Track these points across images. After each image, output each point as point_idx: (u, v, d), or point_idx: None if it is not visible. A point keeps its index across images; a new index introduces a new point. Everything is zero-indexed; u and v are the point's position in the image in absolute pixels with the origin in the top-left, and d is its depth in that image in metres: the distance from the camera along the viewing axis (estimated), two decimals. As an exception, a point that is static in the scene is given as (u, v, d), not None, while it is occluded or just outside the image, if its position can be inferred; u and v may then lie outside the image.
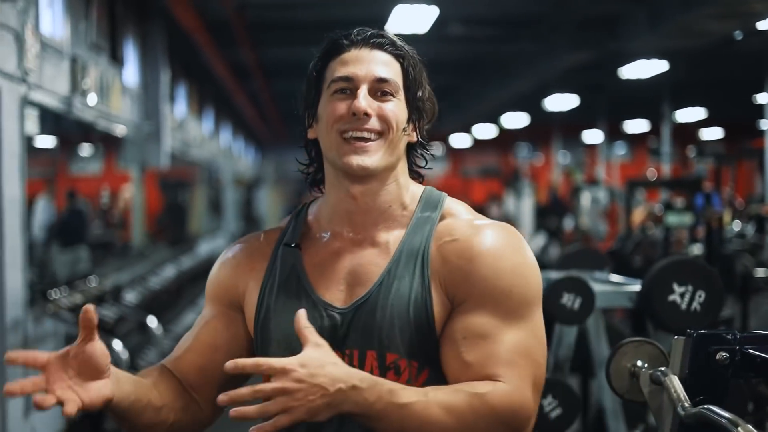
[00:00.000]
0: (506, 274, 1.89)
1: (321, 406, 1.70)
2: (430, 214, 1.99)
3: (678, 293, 3.15)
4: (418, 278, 1.91)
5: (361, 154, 1.90)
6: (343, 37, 1.98)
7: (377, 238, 1.98)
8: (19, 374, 5.71)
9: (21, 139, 5.94)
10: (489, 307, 1.88)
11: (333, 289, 1.96)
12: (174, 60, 12.13)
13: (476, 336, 1.86)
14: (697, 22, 9.54)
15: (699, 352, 2.07)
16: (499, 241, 1.93)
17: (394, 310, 1.89)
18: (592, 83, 17.42)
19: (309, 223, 2.07)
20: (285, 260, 2.01)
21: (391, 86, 1.94)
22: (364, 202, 1.97)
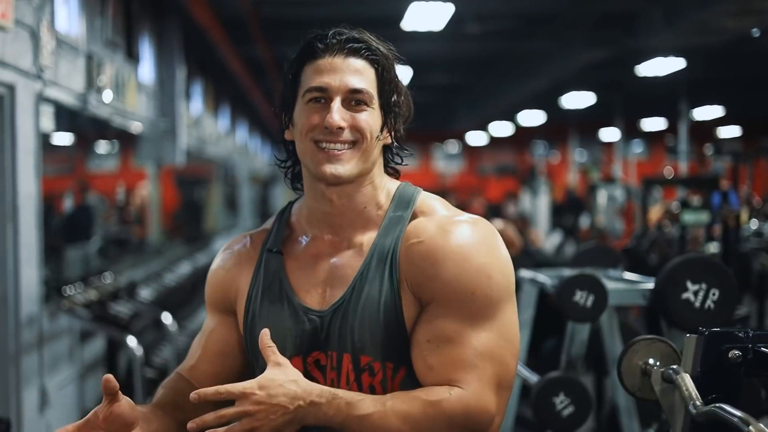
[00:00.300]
0: (469, 276, 1.91)
1: (283, 423, 1.78)
2: (402, 213, 2.02)
3: (692, 291, 3.14)
4: (387, 280, 1.94)
5: (334, 163, 1.94)
6: (318, 41, 1.99)
7: (354, 239, 2.02)
8: (35, 368, 5.74)
9: (36, 136, 5.96)
10: (452, 310, 1.90)
11: (312, 292, 2.01)
12: (190, 57, 12.15)
13: (439, 339, 1.90)
14: (714, 19, 9.50)
15: (711, 350, 2.07)
16: (465, 240, 1.94)
17: (365, 312, 1.93)
18: (609, 81, 17.38)
19: (292, 224, 2.12)
20: (268, 266, 2.07)
21: (365, 96, 1.96)
22: (340, 203, 2.00)
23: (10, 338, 5.59)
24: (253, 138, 22.63)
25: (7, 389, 5.57)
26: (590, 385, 5.82)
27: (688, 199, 9.85)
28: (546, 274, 4.48)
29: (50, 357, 6.20)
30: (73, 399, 6.64)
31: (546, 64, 14.26)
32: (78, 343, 6.81)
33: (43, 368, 6.03)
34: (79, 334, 6.81)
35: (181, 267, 10.56)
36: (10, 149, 5.61)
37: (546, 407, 3.77)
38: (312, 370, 1.97)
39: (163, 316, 6.96)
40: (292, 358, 1.94)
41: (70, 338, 6.66)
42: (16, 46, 5.60)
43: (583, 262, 4.78)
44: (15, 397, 5.62)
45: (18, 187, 5.64)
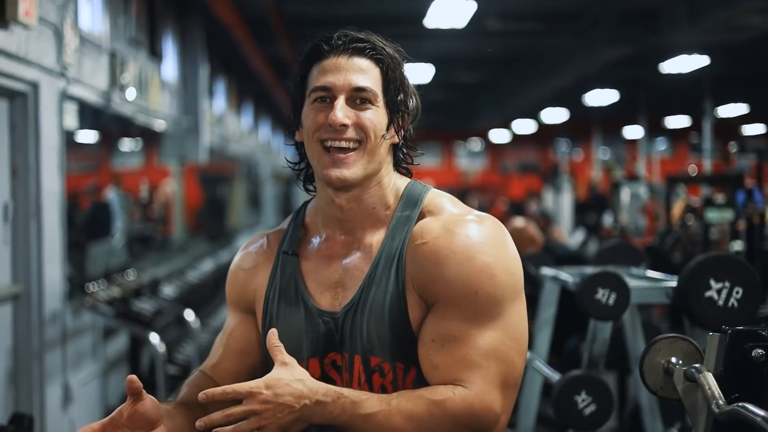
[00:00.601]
0: (472, 276, 1.91)
1: (290, 421, 1.80)
2: (409, 212, 2.03)
3: (715, 289, 3.12)
4: (393, 282, 1.96)
5: (340, 167, 1.95)
6: (323, 42, 2.02)
7: (364, 240, 2.04)
8: (58, 364, 5.77)
9: (60, 134, 5.99)
10: (456, 310, 1.92)
11: (327, 294, 2.04)
12: (213, 55, 12.18)
13: (444, 339, 1.91)
14: (738, 16, 9.43)
15: (734, 349, 2.05)
16: (469, 240, 1.95)
17: (372, 314, 1.96)
18: (633, 78, 17.30)
19: (307, 225, 2.15)
20: (284, 268, 2.10)
21: (369, 94, 1.98)
22: (349, 208, 2.02)
23: (33, 335, 5.62)
24: (276, 135, 22.66)
25: (31, 386, 5.60)
26: (613, 383, 5.80)
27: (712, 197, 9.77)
28: (568, 272, 4.46)
29: (73, 354, 6.23)
30: (96, 396, 6.67)
31: (569, 62, 14.20)
32: (101, 340, 6.84)
33: (66, 365, 6.06)
34: (103, 330, 6.84)
35: (204, 264, 10.60)
36: (34, 147, 5.64)
37: (567, 406, 3.75)
38: (329, 371, 2.00)
39: (185, 313, 6.98)
40: (309, 360, 2.00)
41: (94, 335, 6.69)
42: (39, 44, 5.63)
43: (605, 259, 4.75)
44: (38, 394, 5.65)
45: (42, 185, 5.67)
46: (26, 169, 5.62)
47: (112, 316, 6.27)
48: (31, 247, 5.62)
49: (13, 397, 5.53)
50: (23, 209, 5.61)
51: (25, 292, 5.60)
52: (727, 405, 1.98)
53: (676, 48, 12.43)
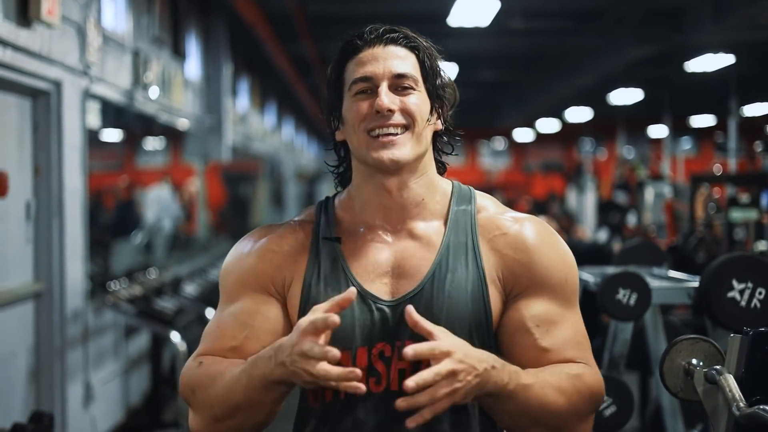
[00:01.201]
0: (560, 263, 1.99)
1: (474, 386, 1.76)
2: (465, 207, 2.04)
3: (737, 290, 3.09)
4: (473, 271, 1.95)
5: (390, 148, 1.93)
6: (356, 37, 2.00)
7: (415, 230, 2.01)
8: (80, 363, 5.79)
9: (83, 132, 6.01)
10: (550, 295, 1.96)
11: (377, 282, 1.96)
12: (236, 54, 12.21)
13: (548, 323, 1.94)
14: (763, 14, 9.36)
15: (756, 350, 2.04)
16: (544, 233, 2.02)
17: (452, 301, 1.92)
18: (657, 77, 17.21)
19: (339, 216, 2.07)
20: (326, 253, 2.00)
21: (410, 80, 1.97)
22: (399, 194, 1.99)
23: (55, 333, 5.64)
24: (299, 134, 22.69)
25: (52, 384, 5.62)
26: (635, 384, 5.77)
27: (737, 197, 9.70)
28: (589, 272, 4.43)
29: (95, 352, 6.25)
30: (117, 394, 6.69)
31: (593, 61, 14.15)
32: (123, 338, 6.87)
33: (87, 363, 6.08)
34: (124, 329, 6.86)
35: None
36: (57, 145, 5.67)
37: (588, 407, 3.72)
38: (376, 362, 1.92)
39: (207, 312, 6.98)
40: (358, 349, 1.92)
41: (115, 333, 6.71)
42: (62, 42, 5.65)
43: (627, 259, 4.72)
44: (60, 392, 5.67)
45: (64, 183, 5.69)
46: (49, 168, 5.64)
47: (134, 315, 6.28)
48: (53, 245, 5.65)
49: (35, 395, 5.55)
50: (45, 208, 5.63)
51: (47, 290, 5.63)
52: (748, 407, 1.97)
53: (700, 46, 12.35)
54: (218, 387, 1.89)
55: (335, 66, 2.03)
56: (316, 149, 27.80)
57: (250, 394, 1.84)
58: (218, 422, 1.91)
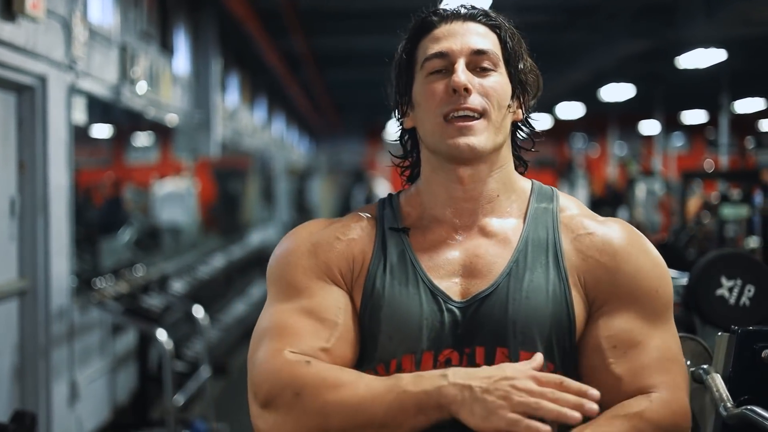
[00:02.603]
0: (652, 272, 1.77)
1: None
2: (547, 205, 1.86)
3: (726, 287, 3.05)
4: (554, 271, 1.77)
5: (467, 134, 1.75)
6: (431, 13, 1.85)
7: (488, 227, 1.83)
8: (65, 361, 5.74)
9: (68, 127, 5.96)
10: (635, 309, 1.75)
11: (447, 281, 1.78)
12: (226, 49, 12.16)
13: (625, 344, 1.73)
14: (756, 10, 9.36)
15: (744, 349, 2.01)
16: (634, 237, 1.82)
17: (530, 302, 1.73)
18: (649, 73, 17.21)
19: (405, 212, 1.90)
20: (393, 245, 1.84)
21: (491, 58, 1.80)
22: (473, 187, 1.82)
23: (40, 331, 5.59)
24: (290, 131, 22.66)
25: (37, 382, 5.57)
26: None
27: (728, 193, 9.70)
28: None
29: (81, 350, 6.20)
30: (103, 393, 6.64)
31: (585, 56, 14.14)
32: (109, 336, 6.82)
33: (73, 361, 6.03)
34: (110, 326, 6.81)
35: (214, 260, 10.56)
36: (42, 141, 5.62)
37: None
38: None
39: (194, 309, 6.94)
40: (424, 353, 1.73)
41: (101, 331, 6.66)
42: (48, 37, 5.60)
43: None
44: (45, 391, 5.62)
45: (49, 179, 5.64)
46: (33, 164, 5.59)
47: (120, 313, 6.23)
48: (38, 242, 5.59)
49: (19, 393, 5.50)
50: (30, 204, 5.58)
51: (31, 287, 5.57)
52: (735, 408, 1.94)
53: (692, 42, 12.34)
54: (345, 394, 1.63)
55: (406, 45, 1.87)
56: (307, 145, 27.77)
57: (395, 412, 1.59)
58: None
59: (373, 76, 16.38)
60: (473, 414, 1.55)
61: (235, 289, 11.17)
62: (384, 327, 1.75)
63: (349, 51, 15.12)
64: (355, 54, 15.36)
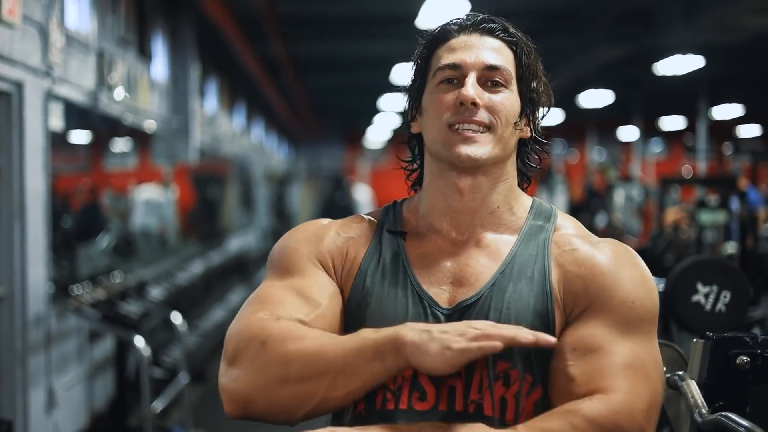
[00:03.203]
0: (628, 285, 1.76)
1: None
2: (543, 223, 1.87)
3: (702, 293, 3.05)
4: (538, 286, 1.78)
5: (470, 144, 1.77)
6: (452, 22, 1.88)
7: (483, 240, 1.85)
8: (42, 368, 5.71)
9: (45, 134, 5.93)
10: (606, 318, 1.73)
11: (436, 288, 1.81)
12: (204, 54, 12.14)
13: (587, 348, 1.70)
14: (733, 16, 9.42)
15: (718, 356, 2.02)
16: (619, 253, 1.81)
17: (510, 313, 1.74)
18: (628, 79, 17.30)
19: (405, 217, 1.93)
20: (389, 246, 1.88)
21: (503, 75, 1.82)
22: (471, 198, 1.84)
23: (16, 337, 5.56)
24: (269, 136, 22.63)
25: (14, 389, 5.53)
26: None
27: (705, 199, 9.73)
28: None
29: (58, 357, 6.16)
30: (81, 400, 6.60)
31: (564, 62, 14.18)
32: (87, 343, 6.78)
33: (50, 368, 5.99)
34: (88, 333, 6.78)
35: (193, 266, 10.52)
36: (18, 147, 5.59)
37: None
38: (421, 375, 1.71)
39: (172, 316, 6.91)
40: None
41: (79, 338, 6.62)
42: (24, 43, 5.57)
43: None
44: (21, 398, 5.59)
45: (26, 185, 5.61)
46: (10, 170, 5.56)
47: (97, 319, 6.20)
48: (14, 248, 5.56)
49: (-5, 400, 5.47)
50: (6, 210, 5.55)
51: (7, 294, 5.54)
52: (710, 414, 1.94)
53: (670, 48, 12.41)
54: (306, 343, 1.65)
55: (423, 51, 1.89)
56: (287, 151, 27.74)
57: (353, 357, 1.62)
58: (282, 385, 1.64)
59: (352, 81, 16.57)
60: (428, 352, 1.57)
61: (214, 295, 11.13)
62: (368, 323, 1.76)
63: (328, 56, 15.13)
64: (334, 60, 15.37)
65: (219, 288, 11.55)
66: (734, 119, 22.03)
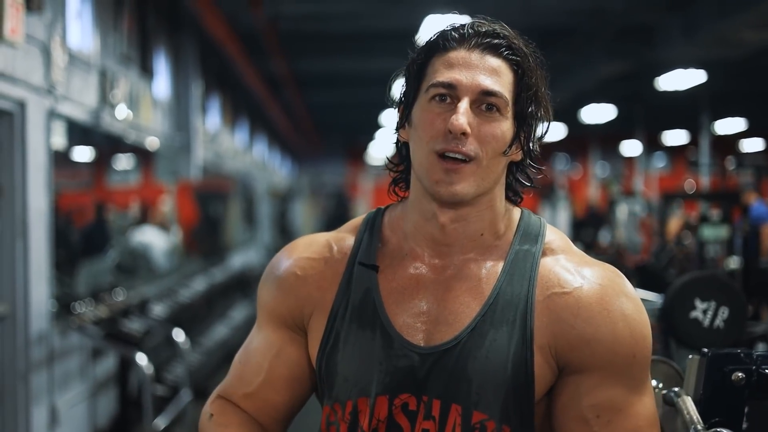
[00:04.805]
0: (629, 339, 1.69)
1: None
2: (529, 247, 1.77)
3: (700, 309, 3.06)
4: (519, 332, 1.69)
5: (452, 178, 1.67)
6: (453, 30, 1.74)
7: (466, 269, 1.75)
8: (44, 385, 5.71)
9: (47, 152, 5.95)
10: (615, 377, 1.69)
11: (411, 324, 1.73)
12: (207, 72, 12.17)
13: (609, 413, 1.68)
14: (734, 32, 9.44)
15: (714, 372, 2.01)
16: (616, 295, 1.72)
17: (489, 364, 1.67)
18: (630, 94, 17.30)
19: (385, 236, 1.83)
20: (360, 282, 1.78)
21: (499, 101, 1.69)
22: (453, 228, 1.75)
23: (19, 355, 5.57)
24: (272, 153, 22.66)
25: (16, 407, 5.54)
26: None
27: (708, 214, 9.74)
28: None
29: (60, 375, 6.17)
30: (83, 417, 6.61)
31: (565, 77, 14.20)
32: (89, 360, 6.78)
33: (53, 386, 6.00)
34: (91, 351, 6.78)
35: (195, 283, 10.52)
36: (21, 165, 5.61)
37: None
38: (397, 414, 1.69)
39: (175, 333, 6.92)
40: (378, 397, 1.69)
41: (82, 355, 6.63)
42: (26, 62, 5.60)
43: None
44: (24, 415, 5.59)
45: (28, 204, 5.64)
46: (12, 188, 5.58)
47: (100, 337, 6.21)
48: (17, 266, 5.58)
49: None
50: (9, 228, 5.57)
51: (10, 312, 5.55)
52: (706, 430, 1.94)
53: (672, 63, 12.43)
54: None
55: (419, 56, 1.76)
56: (289, 167, 27.76)
57: None
58: None
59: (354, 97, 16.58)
60: None
61: (217, 312, 11.11)
62: (340, 369, 1.73)
63: (329, 73, 15.17)
64: (336, 76, 15.40)
65: (221, 305, 11.53)
66: (737, 133, 22.02)
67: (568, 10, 11.43)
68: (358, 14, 11.29)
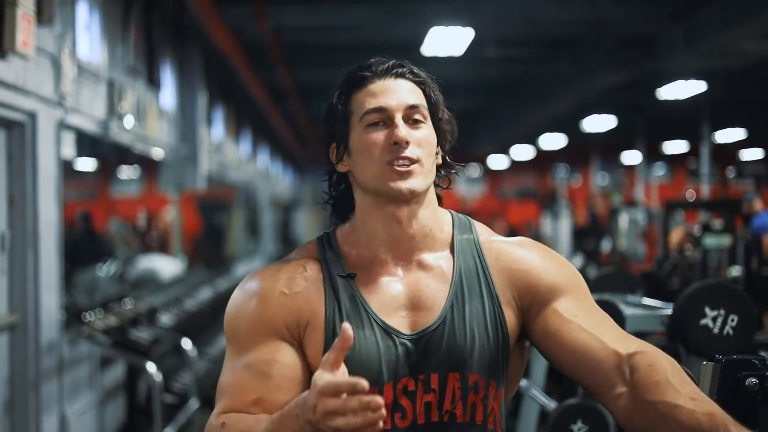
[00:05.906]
0: (567, 269, 2.03)
1: None
2: (468, 236, 2.06)
3: (710, 317, 3.11)
4: (488, 297, 1.98)
5: (407, 178, 1.93)
6: (364, 69, 2.01)
7: (424, 261, 2.01)
8: (54, 394, 5.75)
9: (57, 163, 6.00)
10: (577, 296, 1.99)
11: (395, 316, 1.96)
12: (211, 83, 12.21)
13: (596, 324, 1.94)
14: (734, 42, 9.47)
15: (728, 378, 2.04)
16: (542, 246, 2.08)
17: (474, 330, 1.94)
18: (630, 103, 17.33)
19: (345, 252, 2.04)
20: (344, 290, 1.98)
21: (422, 112, 1.98)
22: (409, 225, 1.99)
23: (29, 364, 5.60)
24: (274, 163, 22.68)
25: (27, 416, 5.58)
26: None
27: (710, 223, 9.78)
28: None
29: (70, 383, 6.21)
30: (92, 426, 6.65)
31: (567, 88, 14.25)
32: (98, 369, 6.82)
33: (62, 395, 6.04)
34: (99, 360, 6.82)
35: (201, 292, 10.55)
36: (32, 176, 5.66)
37: (565, 434, 3.72)
38: (400, 397, 1.92)
39: (183, 342, 6.96)
40: (385, 385, 1.91)
41: (90, 364, 6.67)
42: (37, 73, 5.65)
43: (602, 287, 4.75)
44: (35, 424, 5.63)
45: (39, 214, 5.68)
46: (23, 199, 5.62)
47: (109, 346, 6.25)
48: (27, 276, 5.62)
49: (9, 427, 5.51)
50: (20, 238, 5.61)
51: (21, 321, 5.59)
52: (720, 435, 1.97)
53: (673, 73, 12.47)
54: None
55: (340, 97, 2.02)
56: (292, 177, 27.79)
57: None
58: None
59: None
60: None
61: (222, 321, 11.11)
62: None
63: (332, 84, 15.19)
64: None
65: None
66: (737, 143, 22.06)
67: (569, 21, 11.46)
68: (361, 26, 11.34)
